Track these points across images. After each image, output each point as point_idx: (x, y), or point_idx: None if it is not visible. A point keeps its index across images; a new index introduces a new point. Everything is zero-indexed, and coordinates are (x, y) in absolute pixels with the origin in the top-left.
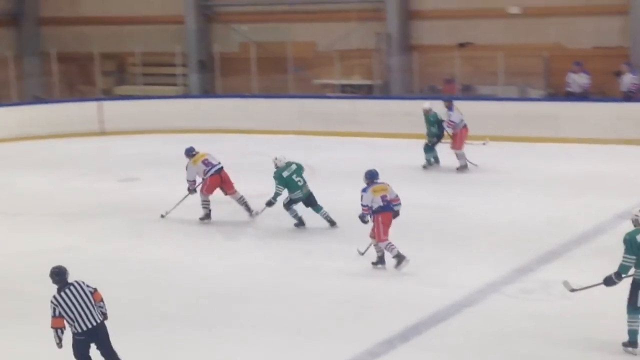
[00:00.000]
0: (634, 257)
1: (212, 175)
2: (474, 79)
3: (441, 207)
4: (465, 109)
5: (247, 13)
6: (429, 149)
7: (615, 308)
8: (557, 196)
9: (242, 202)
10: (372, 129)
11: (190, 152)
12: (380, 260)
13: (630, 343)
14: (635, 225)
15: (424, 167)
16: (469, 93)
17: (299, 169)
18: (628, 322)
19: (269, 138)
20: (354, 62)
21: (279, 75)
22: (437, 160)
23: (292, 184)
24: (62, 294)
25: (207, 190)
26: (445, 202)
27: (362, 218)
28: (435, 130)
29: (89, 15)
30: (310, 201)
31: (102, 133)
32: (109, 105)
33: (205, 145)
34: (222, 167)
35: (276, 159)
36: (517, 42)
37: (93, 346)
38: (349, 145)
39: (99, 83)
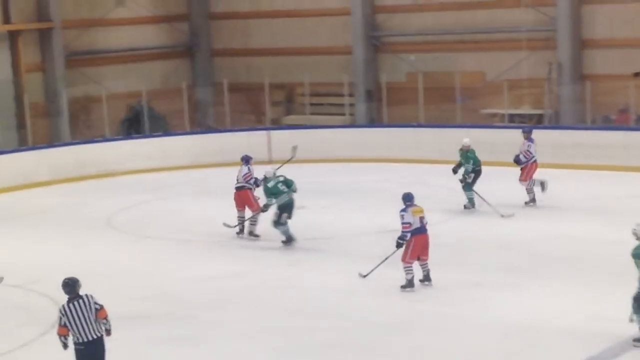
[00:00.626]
0: None
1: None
2: None
3: (611, 240)
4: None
5: (415, 43)
6: (468, 186)
7: None
8: None
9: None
10: (541, 159)
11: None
12: (409, 284)
13: None
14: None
15: (466, 207)
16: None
17: (287, 181)
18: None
19: (433, 168)
20: (524, 91)
21: (446, 104)
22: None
23: (276, 191)
24: (70, 305)
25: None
26: (614, 235)
27: (403, 239)
28: (470, 167)
29: (259, 47)
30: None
31: (270, 162)
32: (277, 135)
33: (370, 175)
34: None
35: (266, 172)
36: None
37: None
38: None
39: (268, 113)
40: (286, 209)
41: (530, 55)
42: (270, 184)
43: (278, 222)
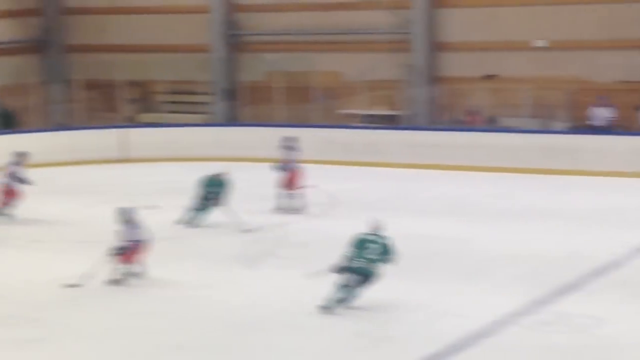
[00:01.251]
0: None
1: None
2: (498, 111)
3: (461, 239)
4: (488, 141)
5: (274, 42)
6: None
7: (633, 339)
8: (576, 229)
9: None
10: (396, 159)
11: None
12: None
13: None
14: None
15: None
16: (493, 125)
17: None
18: None
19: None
20: (380, 92)
21: (304, 104)
22: None
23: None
24: None
25: None
26: (465, 234)
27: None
28: None
29: (115, 43)
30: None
31: (125, 160)
32: (133, 133)
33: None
34: None
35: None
36: (542, 74)
37: None
38: (372, 175)
39: (122, 110)
40: None
41: (386, 57)
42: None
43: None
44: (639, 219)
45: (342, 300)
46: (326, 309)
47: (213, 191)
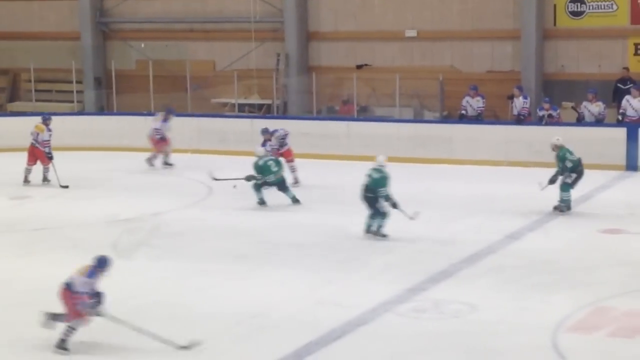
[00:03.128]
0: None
1: None
2: (370, 101)
3: (337, 227)
4: (361, 130)
5: (145, 30)
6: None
7: (505, 324)
8: (449, 216)
9: None
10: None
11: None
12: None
13: None
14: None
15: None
16: (365, 114)
17: (276, 161)
18: None
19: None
20: (253, 81)
21: (177, 93)
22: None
23: (266, 169)
24: None
25: None
26: (341, 222)
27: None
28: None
29: None
30: (281, 187)
31: None
32: (1, 122)
33: (99, 164)
34: None
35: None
36: (414, 64)
37: None
38: (246, 164)
39: None
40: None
41: (259, 45)
42: (260, 162)
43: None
44: (509, 206)
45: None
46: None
47: None
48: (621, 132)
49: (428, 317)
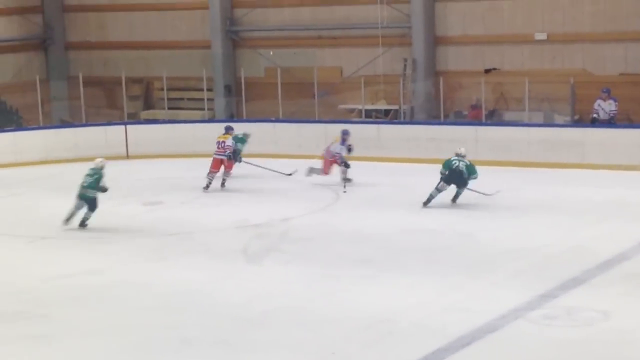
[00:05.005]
0: None
1: None
2: (499, 105)
3: (466, 233)
4: (490, 135)
5: (273, 38)
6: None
7: (638, 336)
8: (581, 222)
9: None
10: (396, 154)
11: None
12: None
13: None
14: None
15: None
16: (494, 119)
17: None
18: None
19: (292, 163)
20: (380, 87)
21: (305, 100)
22: None
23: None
24: None
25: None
26: (470, 228)
27: None
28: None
29: (116, 40)
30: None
31: (127, 157)
32: (134, 130)
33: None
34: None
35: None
36: (543, 67)
37: None
38: (374, 170)
39: (125, 107)
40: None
41: (386, 51)
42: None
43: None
44: None
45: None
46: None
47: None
48: None
49: (559, 324)
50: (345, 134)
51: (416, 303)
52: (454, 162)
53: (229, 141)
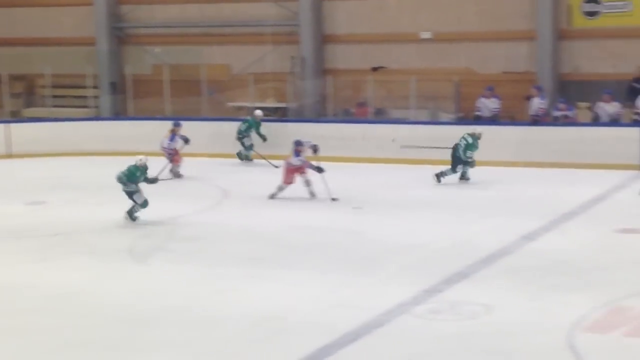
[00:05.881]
0: None
1: None
2: (386, 103)
3: (355, 230)
4: (378, 133)
5: (160, 35)
6: None
7: (522, 325)
8: (465, 218)
9: None
10: (285, 151)
11: None
12: None
13: None
14: None
15: None
16: (381, 117)
17: None
18: None
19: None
20: (269, 85)
21: (193, 97)
22: None
23: None
24: None
25: None
26: (359, 225)
27: None
28: None
29: None
30: None
31: (9, 156)
32: (17, 128)
33: (114, 169)
34: None
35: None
36: (429, 66)
37: None
38: (263, 167)
39: (6, 105)
40: None
41: (274, 49)
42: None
43: None
44: (525, 207)
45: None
46: None
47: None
48: (636, 132)
49: (444, 318)
50: (297, 144)
51: (305, 300)
52: (460, 140)
53: (165, 142)
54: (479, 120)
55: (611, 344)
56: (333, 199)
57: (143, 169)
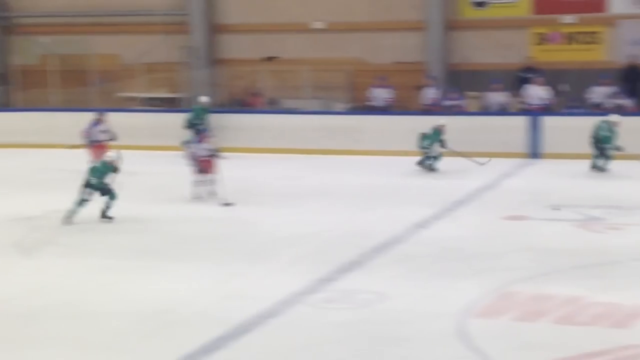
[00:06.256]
0: None
1: None
2: (280, 93)
3: (248, 220)
4: (270, 123)
5: (48, 24)
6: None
7: (413, 312)
8: (358, 207)
9: None
10: (176, 142)
11: None
12: None
13: None
14: None
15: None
16: (274, 107)
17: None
18: None
19: (67, 153)
20: (160, 75)
21: (82, 88)
22: None
23: None
24: None
25: None
26: (252, 215)
27: None
28: None
29: None
30: None
31: None
32: None
33: (1, 161)
34: None
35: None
36: (322, 56)
37: None
38: (153, 159)
39: None
40: None
41: (165, 38)
42: None
43: None
44: (416, 196)
45: None
46: None
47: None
48: (523, 121)
49: (338, 307)
50: (199, 133)
51: (197, 292)
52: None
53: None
54: (371, 110)
55: (500, 329)
56: (227, 204)
57: (112, 166)
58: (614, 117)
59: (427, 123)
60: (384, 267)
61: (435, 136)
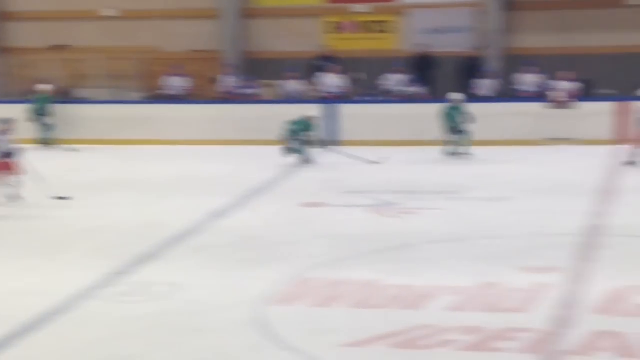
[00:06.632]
0: None
1: None
2: (71, 82)
3: (37, 214)
4: (62, 112)
5: None
6: None
7: (210, 302)
8: (153, 198)
9: None
10: None
11: None
12: None
13: None
14: None
15: None
16: (66, 96)
17: None
18: None
19: None
20: None
21: None
22: None
23: None
24: None
25: None
26: (41, 209)
27: None
28: None
29: None
30: None
31: None
32: None
33: None
34: None
35: None
36: (114, 44)
37: None
38: None
39: None
40: None
41: None
42: None
43: None
44: (212, 184)
45: None
46: None
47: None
48: (318, 109)
49: (133, 300)
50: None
51: None
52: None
53: None
54: (166, 98)
55: (297, 315)
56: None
57: None
58: (455, 96)
59: (224, 112)
60: (181, 258)
61: (303, 125)
